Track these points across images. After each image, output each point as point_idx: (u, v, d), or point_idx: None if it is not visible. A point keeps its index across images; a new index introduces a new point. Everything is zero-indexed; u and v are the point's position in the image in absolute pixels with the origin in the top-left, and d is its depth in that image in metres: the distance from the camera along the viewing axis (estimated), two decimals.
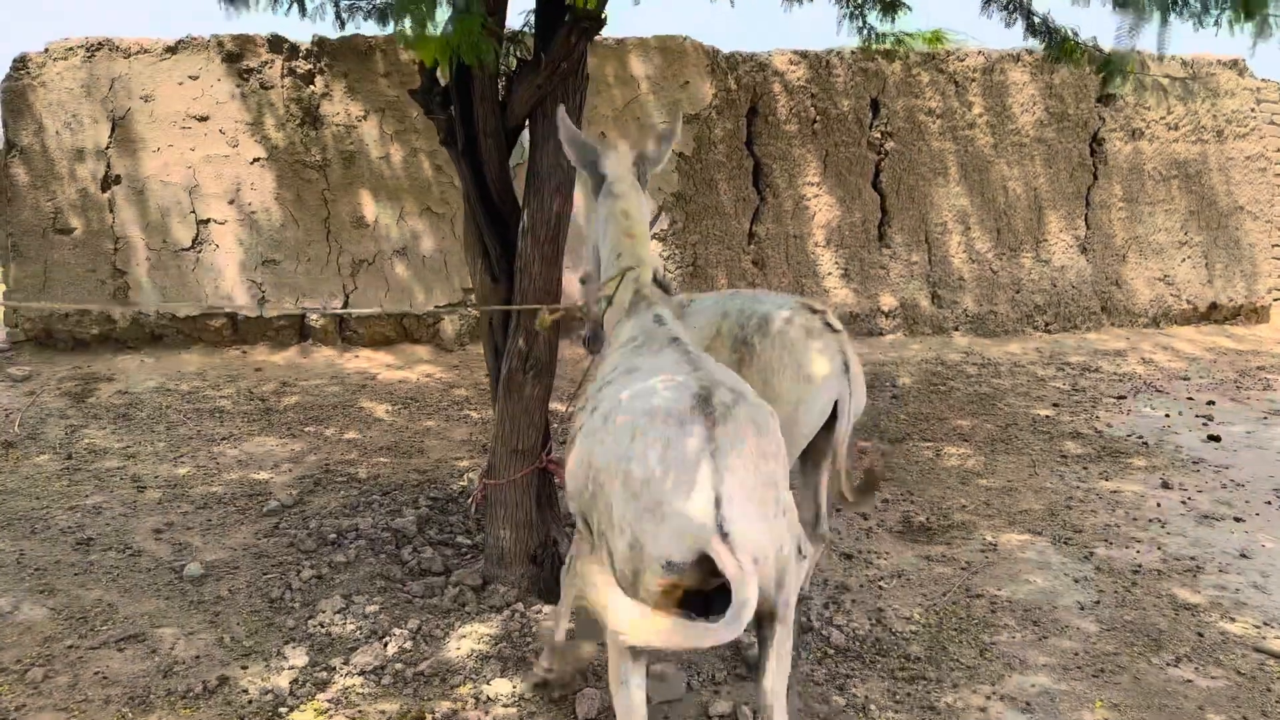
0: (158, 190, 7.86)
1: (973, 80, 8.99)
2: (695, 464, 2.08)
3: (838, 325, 3.76)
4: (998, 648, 3.87)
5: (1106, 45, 4.67)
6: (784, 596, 2.26)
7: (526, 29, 4.47)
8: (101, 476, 5.62)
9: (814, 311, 3.79)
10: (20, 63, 7.62)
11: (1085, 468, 6.05)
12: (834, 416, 3.62)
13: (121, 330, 7.97)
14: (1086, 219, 9.55)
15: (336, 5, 4.39)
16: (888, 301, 9.11)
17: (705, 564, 2.09)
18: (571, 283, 4.52)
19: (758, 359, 3.50)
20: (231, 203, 7.96)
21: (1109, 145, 9.46)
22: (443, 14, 3.24)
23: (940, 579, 4.49)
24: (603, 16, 3.96)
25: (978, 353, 8.91)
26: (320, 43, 7.89)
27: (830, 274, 9.02)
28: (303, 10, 4.41)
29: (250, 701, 3.39)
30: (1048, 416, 7.13)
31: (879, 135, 8.94)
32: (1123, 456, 6.27)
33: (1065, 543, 4.90)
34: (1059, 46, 4.65)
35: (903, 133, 8.94)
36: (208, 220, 7.98)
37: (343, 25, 4.41)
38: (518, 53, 4.39)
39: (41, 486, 5.39)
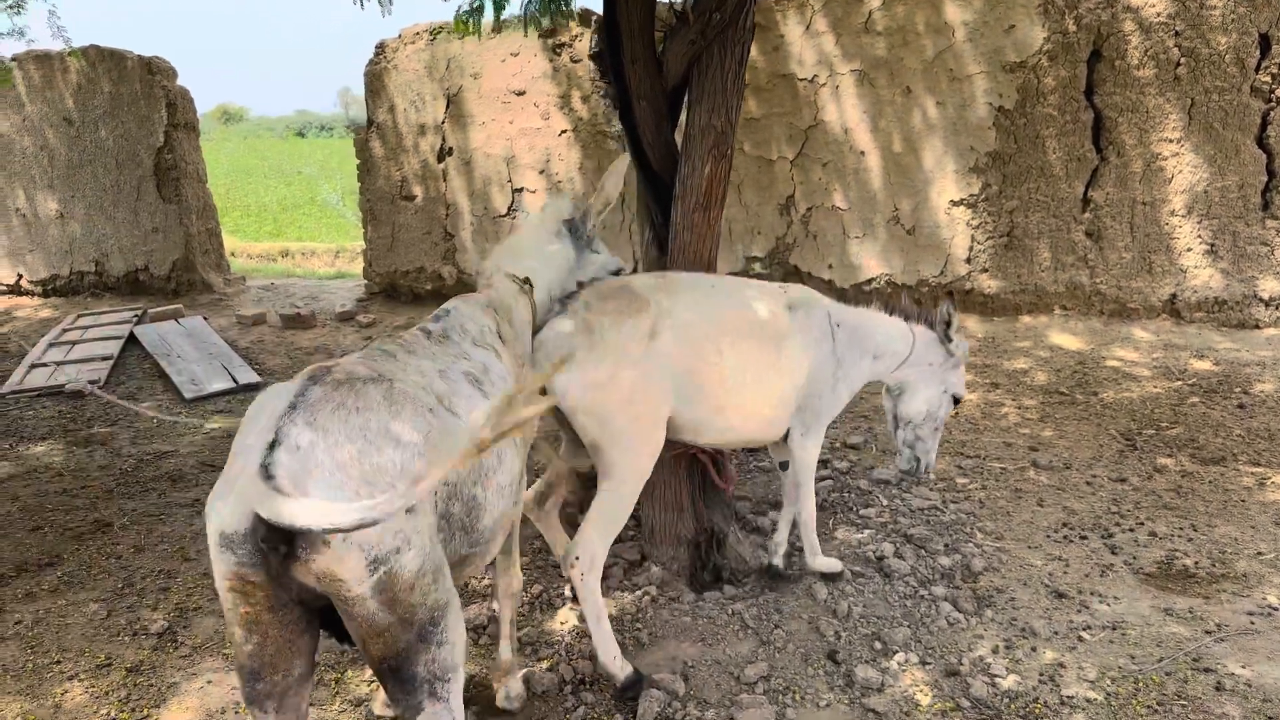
0: (481, 161, 8.63)
1: None
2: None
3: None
4: None
5: None
6: None
7: None
8: None
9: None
10: (380, 48, 8.75)
11: None
12: None
13: (449, 287, 8.92)
14: None
15: None
16: (1270, 287, 7.31)
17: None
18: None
19: None
20: (541, 172, 8.50)
21: None
22: None
23: (1168, 640, 3.55)
24: None
25: None
26: None
27: (1190, 250, 7.44)
28: None
29: None
30: None
31: (1269, 79, 7.12)
32: None
33: None
34: None
35: None
36: (520, 189, 8.61)
37: None
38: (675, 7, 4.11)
39: None
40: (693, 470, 4.12)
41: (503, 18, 4.27)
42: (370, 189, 9.04)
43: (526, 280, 3.12)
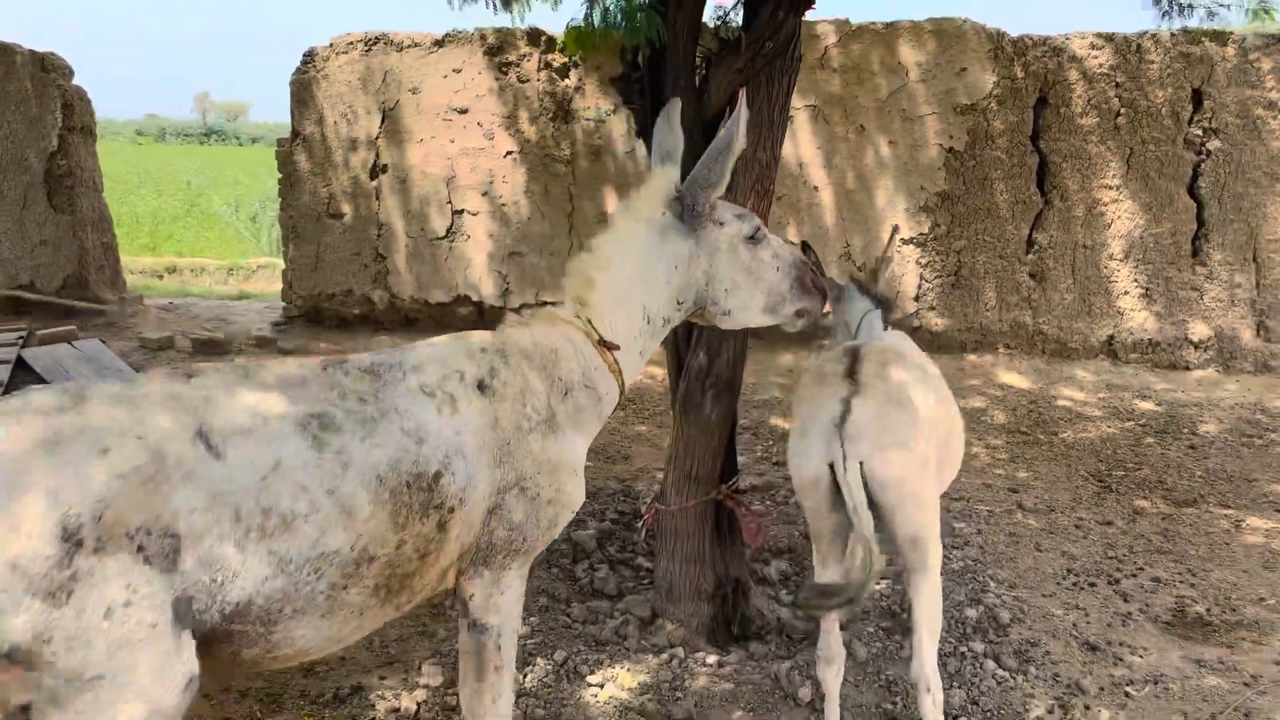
0: (419, 181, 8.20)
1: None
2: None
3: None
4: None
5: None
6: None
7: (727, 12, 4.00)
8: None
9: None
10: (308, 56, 8.23)
11: None
12: None
13: (380, 312, 8.41)
14: None
15: None
16: (1199, 330, 7.66)
17: None
18: None
19: None
20: (484, 195, 8.14)
21: None
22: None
23: (1213, 694, 3.51)
24: None
25: None
26: None
27: (1127, 293, 7.72)
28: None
29: (373, 719, 3.23)
30: None
31: (1200, 132, 7.50)
32: None
33: None
34: None
35: (1232, 130, 7.44)
36: (461, 211, 8.22)
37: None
38: (722, 34, 3.92)
39: None
40: (717, 520, 3.90)
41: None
42: (293, 204, 8.45)
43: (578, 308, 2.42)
